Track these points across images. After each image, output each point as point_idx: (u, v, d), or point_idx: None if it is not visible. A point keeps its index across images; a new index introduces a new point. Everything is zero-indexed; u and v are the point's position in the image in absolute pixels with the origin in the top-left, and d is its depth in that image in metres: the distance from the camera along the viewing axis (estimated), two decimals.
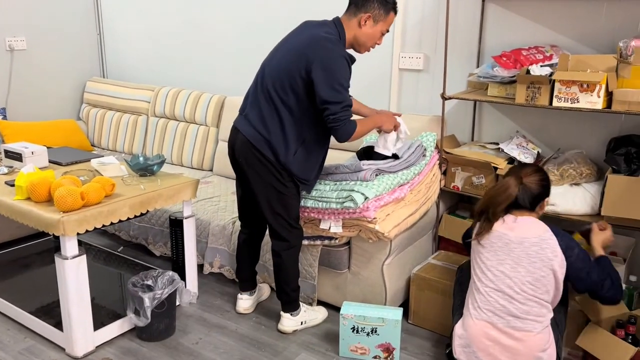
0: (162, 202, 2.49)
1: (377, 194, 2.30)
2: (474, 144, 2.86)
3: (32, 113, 4.11)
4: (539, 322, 1.92)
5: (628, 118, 2.54)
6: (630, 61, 2.22)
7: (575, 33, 2.61)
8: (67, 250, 2.21)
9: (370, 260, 2.53)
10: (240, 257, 2.66)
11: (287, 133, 2.24)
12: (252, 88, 2.37)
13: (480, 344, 1.96)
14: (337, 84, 2.14)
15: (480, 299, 1.99)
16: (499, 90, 2.59)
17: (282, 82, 2.21)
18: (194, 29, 3.99)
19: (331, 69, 2.13)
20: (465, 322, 2.02)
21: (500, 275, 1.96)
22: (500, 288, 1.95)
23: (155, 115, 4.01)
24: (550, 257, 1.92)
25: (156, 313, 2.38)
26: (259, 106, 2.29)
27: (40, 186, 2.26)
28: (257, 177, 2.33)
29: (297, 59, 2.18)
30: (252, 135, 2.28)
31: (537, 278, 1.92)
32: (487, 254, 2.00)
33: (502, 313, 1.94)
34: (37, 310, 2.57)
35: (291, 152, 2.26)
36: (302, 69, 2.16)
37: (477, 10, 2.85)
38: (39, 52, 4.14)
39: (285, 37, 2.36)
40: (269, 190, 2.33)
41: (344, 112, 2.16)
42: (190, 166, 3.81)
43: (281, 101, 2.23)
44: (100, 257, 3.19)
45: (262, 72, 2.33)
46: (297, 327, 2.52)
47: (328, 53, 2.15)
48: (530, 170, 2.06)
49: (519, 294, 1.92)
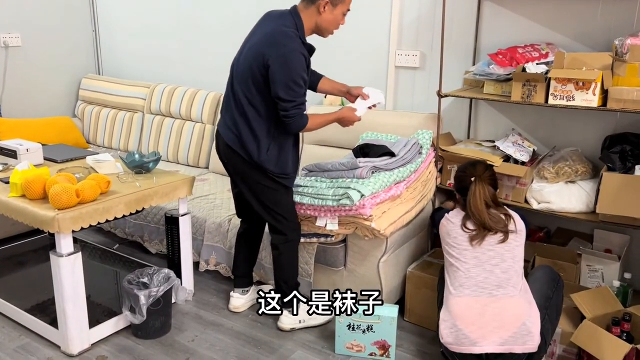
0: (157, 199, 2.48)
1: (373, 191, 2.31)
2: (470, 142, 2.86)
3: (27, 110, 4.09)
4: (516, 287, 2.01)
5: (623, 116, 2.55)
6: (625, 59, 2.22)
7: (571, 31, 2.62)
8: (62, 247, 2.20)
9: (366, 258, 2.53)
10: (237, 251, 2.66)
11: (256, 131, 2.27)
12: (226, 89, 2.40)
13: (466, 318, 1.98)
14: (292, 82, 2.17)
15: (460, 277, 2.04)
16: (494, 87, 2.59)
17: (246, 81, 2.25)
18: (190, 25, 3.98)
19: (286, 66, 2.16)
20: (448, 303, 2.05)
21: (480, 250, 2.04)
22: (482, 261, 2.03)
23: (151, 113, 4.00)
24: (520, 227, 2.08)
25: (152, 311, 2.38)
26: (231, 107, 2.33)
27: (35, 183, 2.25)
28: (242, 176, 2.38)
29: (256, 56, 2.21)
30: (229, 138, 2.34)
31: (513, 247, 2.05)
32: (462, 237, 2.08)
33: (485, 284, 2.01)
34: (33, 308, 2.56)
35: (263, 150, 2.28)
36: (261, 66, 2.19)
37: (473, 7, 2.85)
38: (34, 48, 4.11)
39: (250, 33, 2.37)
40: (257, 187, 2.36)
41: (295, 109, 2.20)
42: (186, 163, 3.80)
43: (247, 99, 2.26)
44: (96, 255, 3.18)
45: (232, 72, 2.36)
46: (295, 326, 2.52)
47: (283, 49, 2.16)
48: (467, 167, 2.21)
49: (499, 265, 2.02)
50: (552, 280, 2.19)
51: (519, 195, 2.55)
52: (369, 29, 3.17)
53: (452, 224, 2.12)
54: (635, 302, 2.35)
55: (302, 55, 2.20)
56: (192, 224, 2.89)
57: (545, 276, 2.20)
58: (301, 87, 2.20)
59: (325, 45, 3.52)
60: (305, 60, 2.22)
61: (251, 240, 2.64)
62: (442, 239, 2.17)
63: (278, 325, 2.53)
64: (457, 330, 1.98)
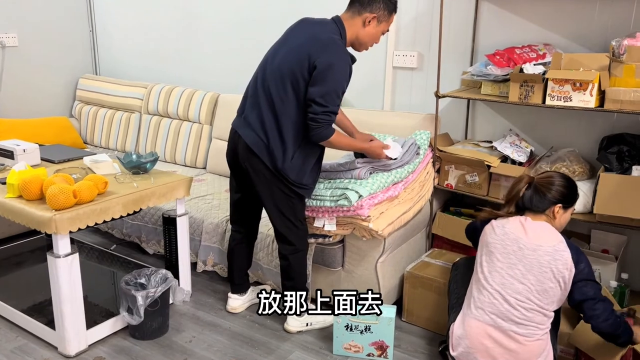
0: (155, 200, 2.48)
1: (371, 192, 2.31)
2: (468, 142, 2.86)
3: (23, 110, 4.08)
4: (540, 329, 1.91)
5: (620, 117, 2.56)
6: (622, 60, 2.23)
7: (568, 32, 2.62)
8: (59, 248, 2.19)
9: (364, 258, 2.53)
10: (232, 259, 2.62)
11: (285, 136, 2.21)
12: (252, 88, 2.32)
13: (480, 345, 1.94)
14: (332, 91, 2.13)
15: (483, 299, 1.96)
16: (492, 88, 2.59)
17: (284, 82, 2.18)
18: (188, 25, 3.98)
19: (332, 74, 2.11)
20: (466, 322, 1.99)
21: (510, 280, 1.92)
22: (507, 292, 1.92)
23: (149, 113, 3.99)
24: (562, 269, 1.89)
25: (149, 311, 2.38)
26: (259, 108, 2.25)
27: (32, 184, 2.25)
28: (263, 181, 2.30)
29: (300, 59, 2.14)
30: (253, 141, 2.25)
31: (546, 289, 1.89)
32: (499, 254, 1.97)
33: (505, 317, 1.92)
34: (29, 309, 2.55)
35: (288, 157, 2.23)
36: (305, 70, 2.13)
37: (471, 8, 2.85)
38: (31, 48, 4.10)
39: (285, 36, 2.32)
40: (276, 193, 2.30)
41: (325, 116, 2.14)
42: (184, 164, 3.79)
43: (282, 102, 2.19)
44: (93, 255, 3.17)
45: (263, 72, 2.27)
46: (302, 328, 2.51)
47: (333, 58, 2.12)
48: (547, 174, 2.06)
49: (525, 302, 1.90)
50: None
51: None
52: None
53: (495, 235, 2.01)
54: (632, 302, 2.36)
55: (349, 68, 2.17)
56: (190, 224, 2.89)
57: None
58: (339, 98, 2.16)
59: None
60: (349, 73, 2.18)
61: (247, 247, 2.62)
62: (480, 248, 2.07)
63: (285, 327, 2.52)
64: (468, 352, 1.97)
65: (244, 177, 2.39)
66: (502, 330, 1.92)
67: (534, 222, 1.98)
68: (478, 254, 2.07)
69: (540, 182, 2.01)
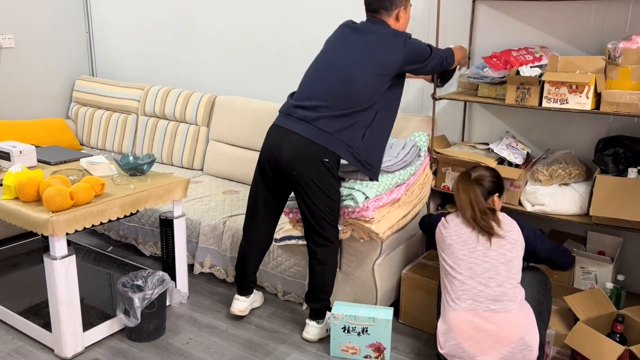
0: (152, 201, 2.47)
1: (377, 194, 2.31)
2: (464, 144, 2.87)
3: (20, 112, 4.07)
4: (514, 301, 1.98)
5: (616, 119, 2.57)
6: (618, 63, 2.24)
7: (565, 34, 2.64)
8: (56, 250, 2.19)
9: (362, 260, 2.53)
10: (244, 266, 2.56)
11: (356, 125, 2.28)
12: (314, 87, 2.31)
13: (464, 333, 1.98)
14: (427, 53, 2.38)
15: (456, 289, 2.03)
16: (489, 90, 2.60)
17: (366, 81, 2.25)
18: (185, 27, 3.97)
19: (414, 45, 2.34)
20: (446, 315, 2.04)
21: (475, 261, 2.03)
22: (476, 273, 2.01)
23: (145, 114, 3.99)
24: (516, 238, 2.06)
25: (146, 313, 2.37)
26: (330, 111, 2.26)
27: (29, 186, 2.24)
28: (316, 182, 2.25)
29: (379, 61, 2.26)
30: (316, 136, 2.23)
31: (509, 259, 2.02)
32: (457, 245, 2.08)
33: (481, 298, 1.99)
34: (26, 311, 2.55)
35: (358, 140, 2.28)
36: (386, 64, 2.27)
37: (467, 11, 2.86)
38: (27, 49, 4.09)
39: (340, 39, 2.38)
40: (329, 191, 2.28)
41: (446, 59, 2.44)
42: (181, 165, 3.79)
43: (358, 104, 2.26)
44: (90, 257, 3.16)
45: (328, 73, 2.30)
46: (323, 335, 2.48)
47: (404, 36, 2.32)
48: (477, 171, 2.20)
49: (494, 277, 1.99)
50: (541, 283, 2.21)
51: (513, 197, 2.57)
52: None
53: (447, 229, 2.12)
54: (628, 304, 2.36)
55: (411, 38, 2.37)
56: (187, 226, 2.89)
57: (534, 279, 2.20)
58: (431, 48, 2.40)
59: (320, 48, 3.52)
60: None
61: (260, 255, 2.58)
62: (438, 244, 2.17)
63: (304, 336, 2.48)
64: (455, 344, 1.99)
65: (288, 187, 2.36)
66: (481, 314, 1.97)
67: None
68: (439, 252, 2.17)
69: (475, 176, 2.17)
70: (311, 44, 3.37)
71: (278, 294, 2.81)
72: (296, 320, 2.64)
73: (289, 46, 3.49)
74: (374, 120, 2.30)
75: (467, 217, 2.08)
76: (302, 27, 3.39)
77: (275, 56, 3.57)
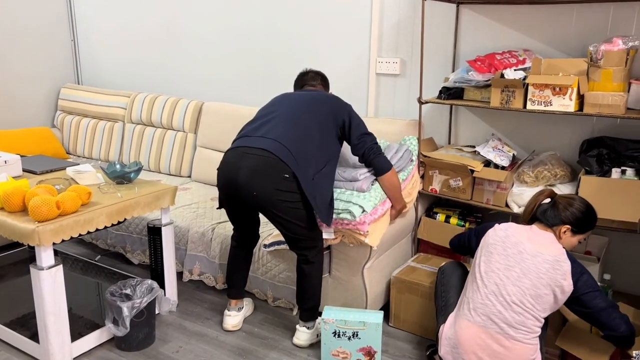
0: (139, 209, 2.46)
1: (374, 205, 2.33)
2: (451, 147, 2.89)
3: (4, 121, 4.03)
4: (530, 333, 1.92)
5: (599, 120, 2.60)
6: (600, 65, 2.27)
7: (547, 37, 2.67)
8: (42, 260, 2.17)
9: (351, 264, 2.53)
10: (234, 262, 2.57)
11: (314, 162, 2.28)
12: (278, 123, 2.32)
13: (470, 347, 1.95)
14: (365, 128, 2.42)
15: (476, 300, 1.97)
16: (474, 94, 2.63)
17: (322, 121, 2.33)
18: (171, 33, 3.97)
19: (357, 118, 2.41)
20: (458, 323, 2.01)
21: (505, 281, 1.94)
22: (501, 293, 1.93)
23: (132, 122, 3.97)
24: (559, 279, 1.90)
25: (135, 322, 2.35)
26: (290, 128, 2.31)
27: (14, 196, 2.22)
28: (275, 200, 2.22)
29: (331, 110, 2.36)
30: (278, 150, 2.21)
31: (540, 294, 1.90)
32: (498, 256, 1.99)
33: (497, 319, 1.93)
34: (12, 322, 2.51)
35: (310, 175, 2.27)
36: (335, 118, 2.36)
37: (451, 15, 2.89)
38: (11, 58, 4.06)
39: (285, 96, 2.47)
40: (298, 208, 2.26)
41: (377, 145, 2.38)
42: (168, 173, 3.77)
43: (319, 132, 2.33)
44: (77, 267, 3.13)
45: (285, 105, 2.38)
46: (314, 340, 2.48)
47: (348, 108, 2.42)
48: (571, 195, 2.10)
49: (518, 305, 1.91)
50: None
51: (500, 199, 2.59)
52: (350, 37, 3.19)
53: (496, 232, 2.05)
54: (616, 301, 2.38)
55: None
56: (175, 233, 2.87)
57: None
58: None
59: (307, 53, 3.54)
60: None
61: (248, 248, 2.59)
62: (480, 248, 2.08)
63: (294, 342, 2.47)
64: (457, 354, 1.98)
65: (255, 209, 2.35)
66: (492, 334, 1.93)
67: (540, 231, 2.02)
68: (477, 254, 2.09)
69: (561, 199, 2.06)
70: (298, 50, 3.38)
71: (268, 300, 2.81)
72: (286, 326, 2.64)
73: (276, 52, 3.49)
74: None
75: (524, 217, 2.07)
76: (290, 33, 3.40)
77: (262, 62, 3.58)
